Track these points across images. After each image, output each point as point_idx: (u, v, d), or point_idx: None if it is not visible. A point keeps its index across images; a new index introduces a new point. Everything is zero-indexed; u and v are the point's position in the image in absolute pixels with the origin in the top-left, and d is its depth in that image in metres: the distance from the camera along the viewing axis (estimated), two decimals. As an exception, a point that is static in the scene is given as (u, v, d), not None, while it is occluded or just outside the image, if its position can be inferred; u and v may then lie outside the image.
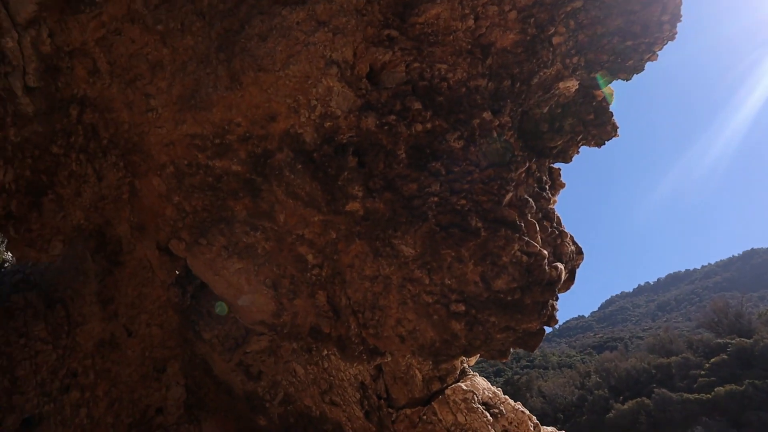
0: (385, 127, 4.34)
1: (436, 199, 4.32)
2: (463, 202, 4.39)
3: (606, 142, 5.43)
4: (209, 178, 4.46)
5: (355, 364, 5.47)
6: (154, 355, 5.15)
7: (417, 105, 4.34)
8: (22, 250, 4.37)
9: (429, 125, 4.40)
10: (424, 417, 5.79)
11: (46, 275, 4.86)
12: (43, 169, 4.41)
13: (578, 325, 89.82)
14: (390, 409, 5.82)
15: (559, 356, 47.47)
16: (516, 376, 36.21)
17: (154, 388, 5.14)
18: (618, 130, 5.39)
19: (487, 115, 4.45)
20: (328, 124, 4.35)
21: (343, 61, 4.36)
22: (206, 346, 5.27)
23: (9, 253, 5.20)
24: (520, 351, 5.12)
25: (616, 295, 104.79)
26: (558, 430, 7.27)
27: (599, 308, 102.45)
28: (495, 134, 4.56)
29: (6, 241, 4.51)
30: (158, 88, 4.43)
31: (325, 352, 5.58)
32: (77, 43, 4.39)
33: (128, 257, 4.85)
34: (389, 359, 5.09)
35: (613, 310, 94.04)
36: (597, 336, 62.56)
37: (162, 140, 4.51)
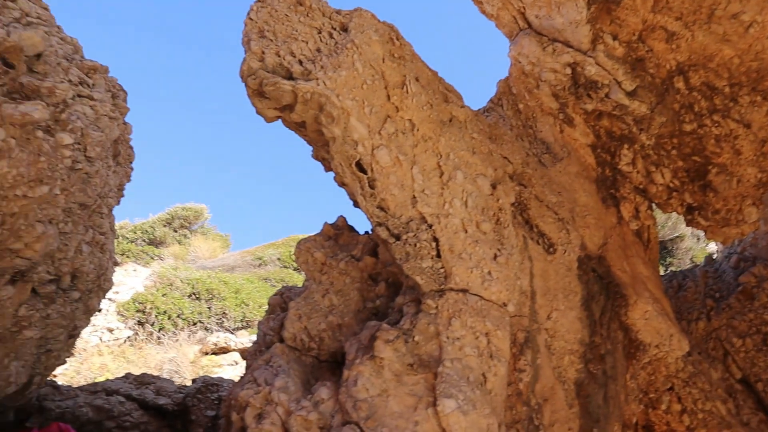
0: None
1: None
2: None
3: None
4: None
5: None
6: None
7: None
8: (720, 233, 5.19)
9: None
10: None
11: (756, 245, 5.54)
12: (690, 152, 5.24)
13: None
14: None
15: None
16: None
17: None
18: None
19: None
20: None
21: None
22: None
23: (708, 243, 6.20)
24: None
25: None
26: None
27: None
28: None
29: (704, 232, 5.49)
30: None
31: None
32: (637, 26, 5.19)
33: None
34: None
35: None
36: None
37: (783, 49, 4.59)
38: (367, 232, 4.46)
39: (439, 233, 3.77)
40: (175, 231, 25.64)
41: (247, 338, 13.25)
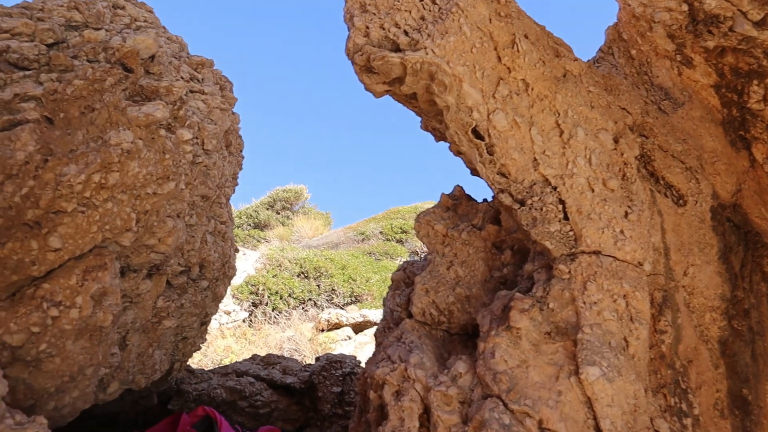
0: None
1: None
2: None
3: None
4: None
5: None
6: None
7: None
8: None
9: None
10: None
11: None
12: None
13: None
14: None
15: None
16: None
17: None
18: None
19: None
20: None
21: None
22: None
23: None
24: None
25: None
26: None
27: None
28: None
29: None
30: None
31: None
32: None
33: None
34: None
35: None
36: None
37: None
38: (485, 200, 4.34)
39: (565, 195, 3.61)
40: (278, 213, 26.48)
41: (357, 313, 13.51)
